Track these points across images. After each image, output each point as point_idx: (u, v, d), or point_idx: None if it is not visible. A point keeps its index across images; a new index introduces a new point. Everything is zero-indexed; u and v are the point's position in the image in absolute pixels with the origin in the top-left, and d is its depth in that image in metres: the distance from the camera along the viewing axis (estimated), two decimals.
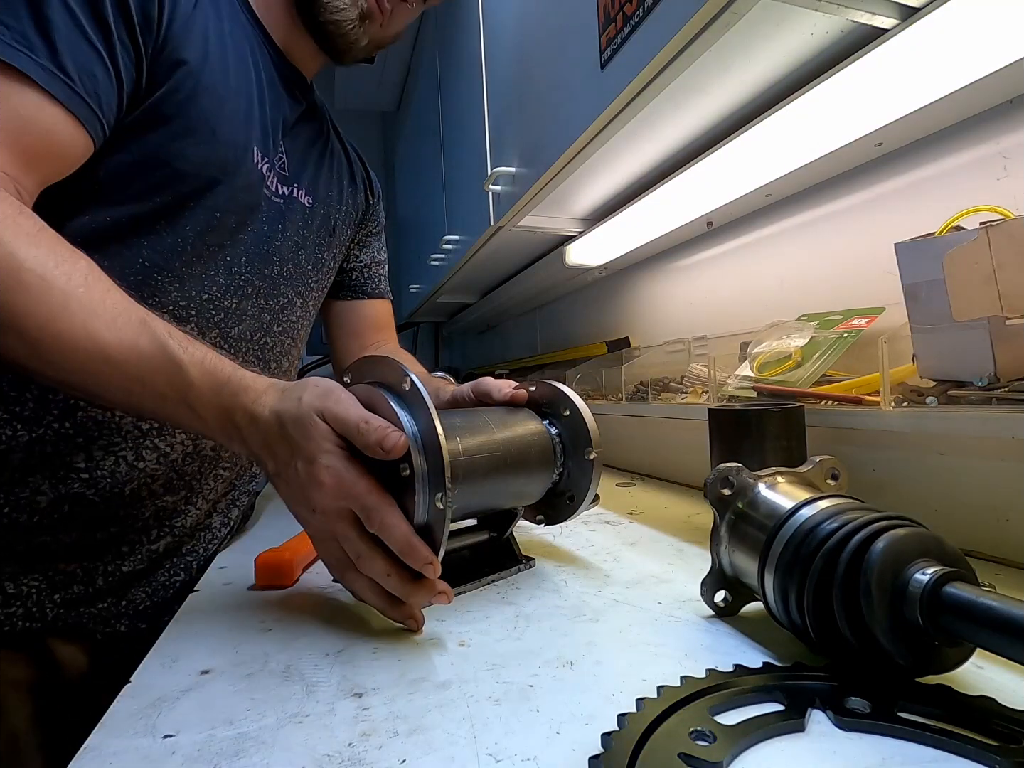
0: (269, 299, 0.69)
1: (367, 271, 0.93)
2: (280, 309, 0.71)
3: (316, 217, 0.76)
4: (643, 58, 0.57)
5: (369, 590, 0.42)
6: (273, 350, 0.71)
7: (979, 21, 0.47)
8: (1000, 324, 0.47)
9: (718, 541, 0.41)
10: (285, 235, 0.70)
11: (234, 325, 0.65)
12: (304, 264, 0.74)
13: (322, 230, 0.77)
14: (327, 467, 0.40)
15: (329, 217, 0.78)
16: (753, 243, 0.90)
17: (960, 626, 0.27)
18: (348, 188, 0.83)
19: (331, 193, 0.79)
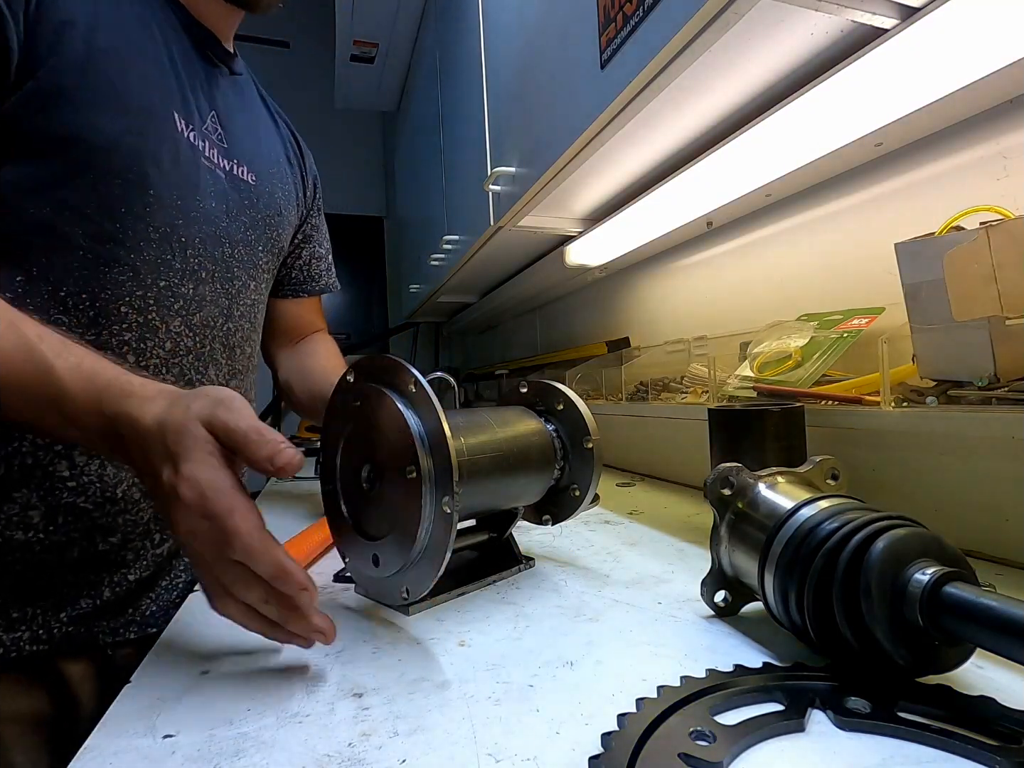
0: (224, 283, 0.65)
1: (307, 268, 0.87)
2: (236, 293, 0.67)
3: (262, 196, 0.71)
4: (643, 58, 0.57)
5: (246, 616, 0.37)
6: (236, 335, 0.68)
7: (979, 21, 0.47)
8: (1000, 324, 0.47)
9: (718, 541, 0.41)
10: (232, 215, 0.66)
11: (195, 312, 0.61)
12: (255, 246, 0.70)
13: (270, 210, 0.72)
14: (188, 479, 0.35)
15: (275, 196, 0.74)
16: (753, 243, 0.90)
17: (960, 626, 0.27)
18: (287, 167, 0.79)
19: (272, 171, 0.74)
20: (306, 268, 0.87)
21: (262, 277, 0.74)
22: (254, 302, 0.72)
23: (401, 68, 1.97)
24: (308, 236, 0.86)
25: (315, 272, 0.88)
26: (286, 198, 0.76)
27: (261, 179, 0.71)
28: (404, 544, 0.42)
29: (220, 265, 0.64)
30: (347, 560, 0.48)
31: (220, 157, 0.65)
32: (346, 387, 0.47)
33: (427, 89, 1.67)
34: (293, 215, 0.79)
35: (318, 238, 0.89)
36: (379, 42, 1.84)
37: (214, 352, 0.63)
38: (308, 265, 0.87)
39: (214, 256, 0.64)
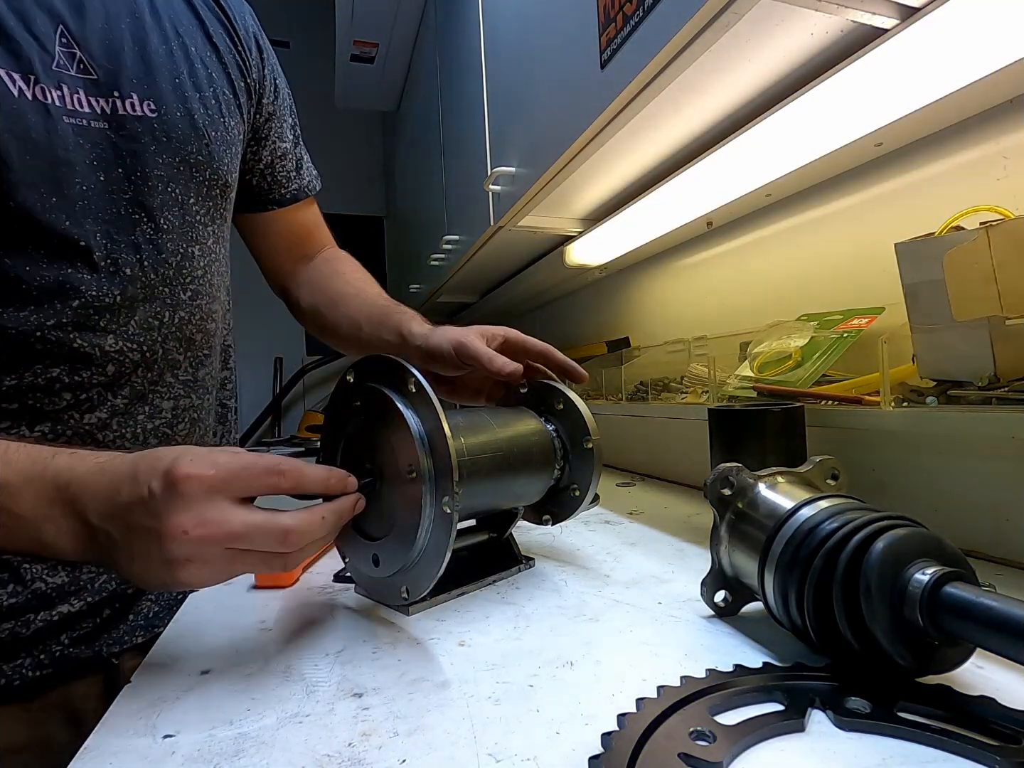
0: (157, 268, 0.51)
1: (270, 172, 0.69)
2: (175, 274, 0.53)
3: (173, 128, 0.52)
4: (643, 58, 0.57)
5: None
6: (193, 319, 0.56)
7: (979, 21, 0.47)
8: (1000, 324, 0.47)
9: (718, 541, 0.41)
10: (136, 177, 0.50)
11: (127, 319, 0.49)
12: (183, 201, 0.53)
13: (190, 143, 0.54)
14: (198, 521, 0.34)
15: (194, 119, 0.54)
16: (753, 243, 0.90)
17: (960, 626, 0.27)
18: (206, 57, 0.57)
19: (179, 80, 0.53)
20: (268, 173, 0.69)
21: (208, 232, 0.57)
22: (206, 269, 0.57)
23: (401, 68, 1.97)
24: (263, 132, 0.67)
25: (280, 175, 0.70)
26: (211, 110, 0.56)
27: (166, 104, 0.52)
28: (404, 544, 0.42)
29: (144, 251, 0.50)
30: (347, 560, 0.48)
31: (92, 98, 0.47)
32: (346, 387, 0.47)
33: (427, 89, 1.67)
34: (233, 127, 0.60)
35: (277, 130, 0.68)
36: (379, 42, 1.84)
37: (168, 353, 0.53)
38: (271, 169, 0.69)
39: (131, 241, 0.50)
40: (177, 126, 0.53)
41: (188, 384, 0.57)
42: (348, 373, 0.47)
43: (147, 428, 0.53)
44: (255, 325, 2.62)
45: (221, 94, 0.58)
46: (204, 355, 0.59)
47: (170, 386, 0.55)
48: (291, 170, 0.71)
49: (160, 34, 0.54)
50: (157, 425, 0.54)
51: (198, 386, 0.59)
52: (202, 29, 0.57)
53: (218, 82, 0.58)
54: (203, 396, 0.60)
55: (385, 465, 0.44)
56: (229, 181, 0.60)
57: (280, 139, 0.69)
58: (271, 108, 0.67)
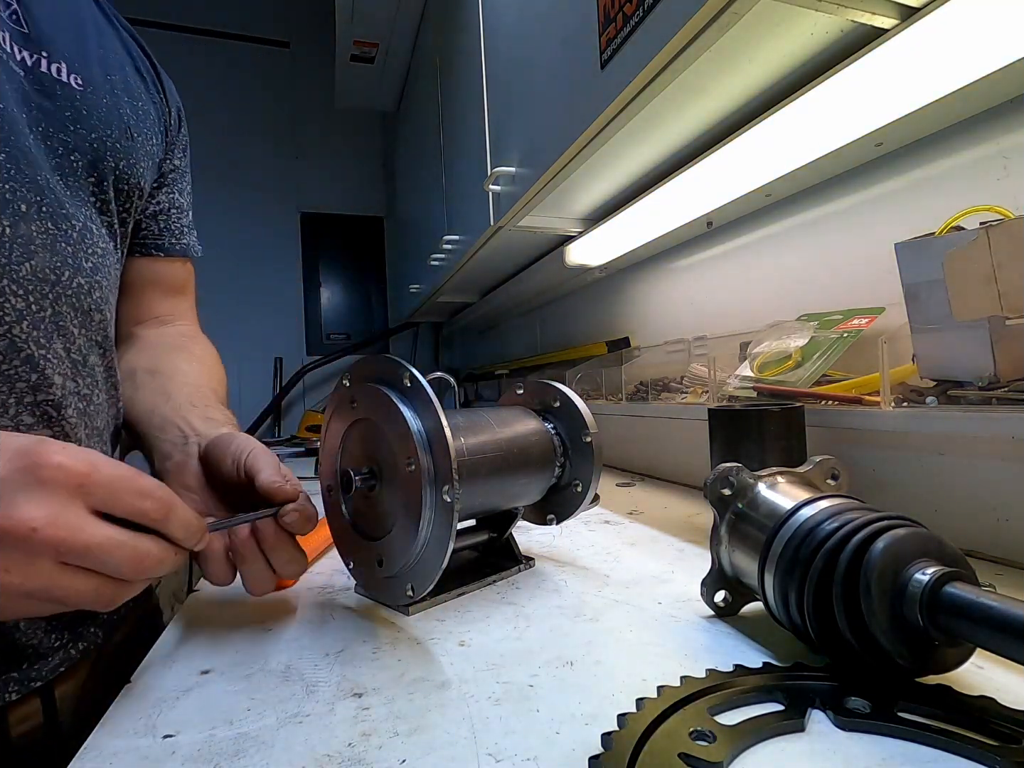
0: (57, 221, 0.48)
1: (164, 217, 0.65)
2: (79, 237, 0.50)
3: (96, 109, 0.51)
4: (643, 58, 0.57)
5: None
6: (93, 295, 0.50)
7: (979, 21, 0.47)
8: (1000, 324, 0.47)
9: (718, 541, 0.41)
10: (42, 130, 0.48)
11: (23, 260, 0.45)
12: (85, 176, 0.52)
13: (112, 129, 0.52)
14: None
15: (120, 112, 0.54)
16: (753, 243, 0.90)
17: (960, 626, 0.27)
18: (136, 81, 0.58)
19: (112, 78, 0.54)
20: (163, 218, 0.66)
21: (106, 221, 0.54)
22: (105, 252, 0.53)
23: (401, 68, 1.97)
24: (168, 179, 0.66)
25: (175, 226, 0.66)
26: (140, 118, 0.56)
27: (94, 86, 0.52)
28: (406, 540, 0.42)
29: (46, 196, 0.47)
30: (351, 566, 0.48)
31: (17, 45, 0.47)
32: (343, 390, 0.47)
33: (427, 89, 1.67)
34: (154, 145, 0.59)
35: (180, 185, 0.68)
36: (379, 42, 1.84)
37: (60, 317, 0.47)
38: (166, 215, 0.66)
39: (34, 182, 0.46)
40: (101, 109, 0.52)
41: (78, 366, 0.49)
42: (344, 378, 0.48)
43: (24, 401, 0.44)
44: (255, 325, 2.62)
45: (147, 114, 0.58)
46: (98, 343, 0.52)
47: (60, 359, 0.47)
48: (186, 225, 0.68)
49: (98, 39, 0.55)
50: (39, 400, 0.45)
51: (86, 373, 0.50)
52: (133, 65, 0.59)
53: (145, 103, 0.58)
54: (95, 390, 0.51)
55: (384, 462, 0.44)
56: (143, 186, 0.57)
57: (180, 193, 0.68)
58: (179, 162, 0.67)
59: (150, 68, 0.62)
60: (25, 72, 0.47)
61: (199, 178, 2.47)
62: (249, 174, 2.62)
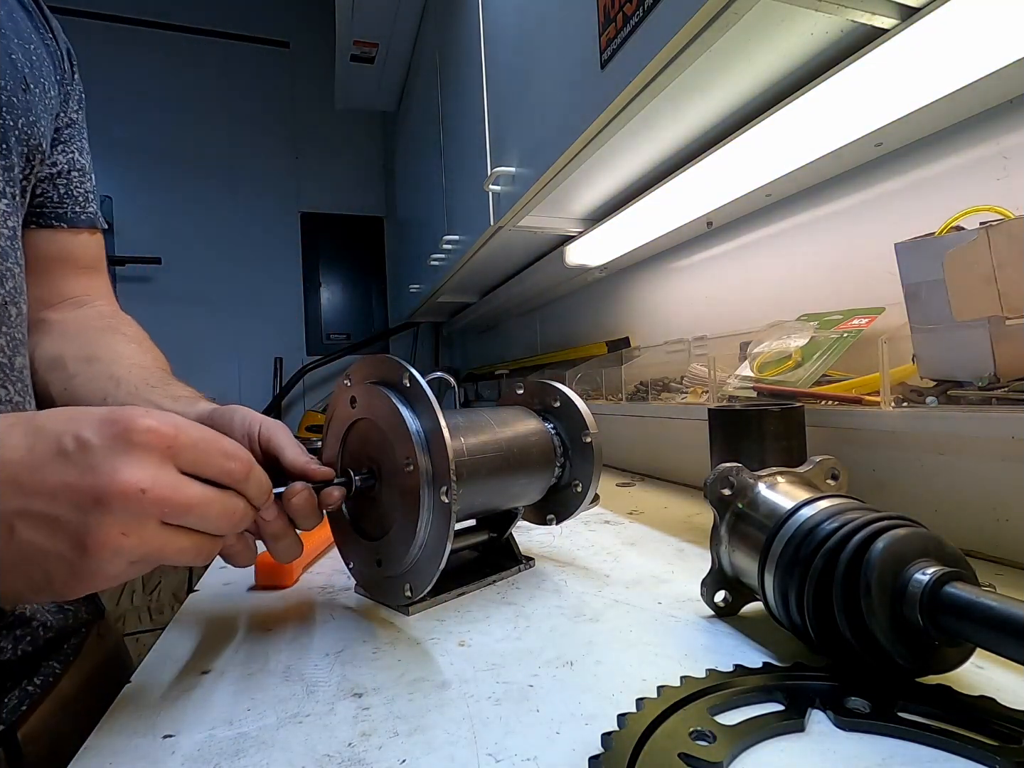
0: None
1: (63, 183, 0.56)
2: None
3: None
4: (643, 58, 0.57)
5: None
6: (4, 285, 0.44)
7: (979, 21, 0.47)
8: (1000, 324, 0.47)
9: (718, 541, 0.41)
10: None
11: None
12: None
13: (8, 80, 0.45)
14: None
15: (13, 59, 0.46)
16: (753, 243, 0.90)
17: (960, 626, 0.27)
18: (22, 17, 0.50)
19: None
20: (63, 182, 0.56)
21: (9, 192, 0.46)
22: (13, 234, 0.46)
23: (401, 68, 1.97)
24: (65, 135, 0.56)
25: (76, 191, 0.57)
26: (34, 65, 0.48)
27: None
28: (405, 540, 0.42)
29: None
30: (351, 566, 0.48)
31: None
32: (343, 390, 0.47)
33: (427, 89, 1.67)
34: (52, 97, 0.51)
35: (79, 143, 0.58)
36: (379, 42, 1.84)
37: None
38: (67, 178, 0.56)
39: None
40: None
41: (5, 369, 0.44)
42: (345, 378, 0.48)
43: None
44: (255, 325, 2.62)
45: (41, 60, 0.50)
46: (20, 341, 0.46)
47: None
48: (89, 191, 0.58)
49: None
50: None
51: (16, 378, 0.45)
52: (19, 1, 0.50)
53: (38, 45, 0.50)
54: (23, 395, 0.46)
55: (383, 462, 0.44)
56: (43, 147, 0.50)
57: (80, 153, 0.57)
58: (76, 116, 0.57)
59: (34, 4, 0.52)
60: None
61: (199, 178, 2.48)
62: (249, 174, 2.62)
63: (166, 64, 2.50)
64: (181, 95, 2.52)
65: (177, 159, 2.46)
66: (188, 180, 2.48)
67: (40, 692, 0.43)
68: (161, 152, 2.45)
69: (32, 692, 0.43)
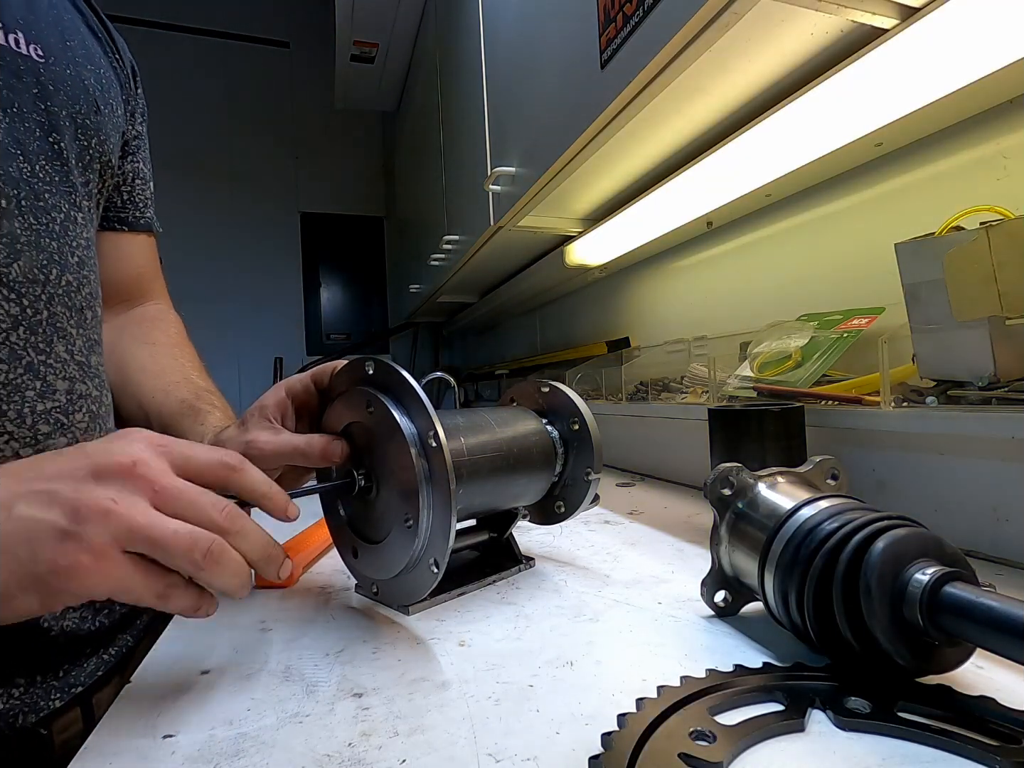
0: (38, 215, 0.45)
1: (127, 189, 0.61)
2: (61, 230, 0.47)
3: (61, 81, 0.48)
4: (643, 58, 0.57)
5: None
6: (83, 291, 0.48)
7: (979, 21, 0.47)
8: (1000, 324, 0.47)
9: (718, 541, 0.41)
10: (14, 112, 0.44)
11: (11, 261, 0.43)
12: (65, 157, 0.48)
13: (78, 103, 0.49)
14: None
15: (84, 82, 0.50)
16: (753, 243, 0.90)
17: (960, 626, 0.27)
18: (92, 43, 0.54)
19: (71, 44, 0.50)
20: (127, 189, 0.61)
21: (86, 205, 0.51)
22: (88, 242, 0.50)
23: (401, 68, 1.98)
24: (132, 147, 0.61)
25: (139, 197, 0.62)
26: (104, 87, 0.53)
27: (55, 56, 0.48)
28: (404, 543, 0.42)
29: (23, 188, 0.44)
30: (351, 567, 0.48)
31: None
32: (340, 392, 0.47)
33: (427, 89, 1.67)
34: (119, 114, 0.55)
35: (143, 153, 0.63)
36: (379, 42, 1.84)
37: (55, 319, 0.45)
38: (131, 186, 0.61)
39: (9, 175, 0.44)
40: (67, 81, 0.48)
41: (83, 367, 0.48)
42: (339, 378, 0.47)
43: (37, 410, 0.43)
44: (255, 325, 2.62)
45: (110, 82, 0.54)
46: (95, 340, 0.51)
47: (64, 363, 0.46)
48: (148, 196, 0.64)
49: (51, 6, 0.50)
50: (50, 408, 0.44)
51: (93, 374, 0.49)
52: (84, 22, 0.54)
53: (106, 69, 0.54)
54: (100, 389, 0.50)
55: (380, 465, 0.44)
56: (112, 162, 0.54)
57: (144, 163, 0.63)
58: (140, 128, 0.62)
59: (99, 24, 0.56)
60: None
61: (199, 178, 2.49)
62: (249, 174, 2.62)
63: (166, 64, 2.50)
64: (181, 95, 2.52)
65: (177, 159, 2.46)
66: (188, 180, 2.48)
67: (114, 661, 0.49)
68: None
69: (108, 661, 0.48)
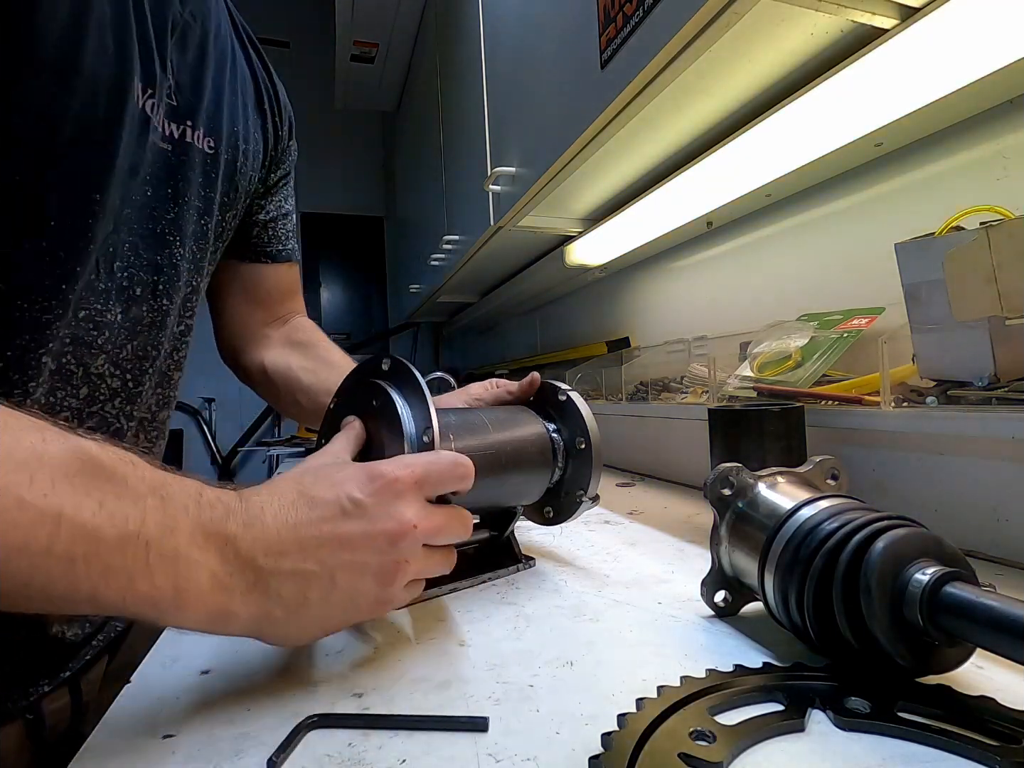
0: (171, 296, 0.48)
1: (272, 226, 0.68)
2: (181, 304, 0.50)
3: (220, 167, 0.52)
4: (643, 58, 0.57)
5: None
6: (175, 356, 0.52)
7: (979, 21, 0.47)
8: (1000, 324, 0.47)
9: (718, 541, 0.41)
10: (180, 200, 0.48)
11: (125, 342, 0.45)
12: (208, 236, 0.52)
13: (227, 186, 0.54)
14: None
15: (236, 166, 0.55)
16: (753, 243, 0.90)
17: (960, 626, 0.27)
18: (255, 117, 0.60)
19: (236, 128, 0.55)
20: (272, 226, 0.69)
21: (208, 270, 0.56)
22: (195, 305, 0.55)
23: (401, 68, 1.98)
24: (278, 187, 0.68)
25: (282, 232, 0.70)
26: (248, 163, 0.57)
27: (223, 144, 0.52)
28: None
29: (166, 273, 0.48)
30: None
31: (168, 123, 0.46)
32: (341, 389, 0.47)
33: (427, 89, 1.67)
34: (254, 182, 0.61)
35: (286, 191, 0.70)
36: (379, 42, 1.84)
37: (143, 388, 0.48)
38: (273, 224, 0.69)
39: (155, 263, 0.46)
40: (222, 168, 0.53)
41: (145, 423, 0.50)
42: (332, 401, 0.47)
43: None
44: None
45: (255, 155, 0.60)
46: (172, 398, 0.54)
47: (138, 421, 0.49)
48: (289, 231, 0.72)
49: (232, 87, 0.56)
50: None
51: (154, 428, 0.52)
52: (256, 97, 0.61)
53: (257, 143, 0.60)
54: (156, 441, 0.53)
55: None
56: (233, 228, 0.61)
57: (286, 200, 0.71)
58: (287, 168, 0.69)
59: (269, 85, 0.63)
60: (173, 146, 0.47)
61: None
62: None
63: None
64: None
65: None
66: None
67: (102, 645, 0.51)
68: None
69: (96, 645, 0.50)
